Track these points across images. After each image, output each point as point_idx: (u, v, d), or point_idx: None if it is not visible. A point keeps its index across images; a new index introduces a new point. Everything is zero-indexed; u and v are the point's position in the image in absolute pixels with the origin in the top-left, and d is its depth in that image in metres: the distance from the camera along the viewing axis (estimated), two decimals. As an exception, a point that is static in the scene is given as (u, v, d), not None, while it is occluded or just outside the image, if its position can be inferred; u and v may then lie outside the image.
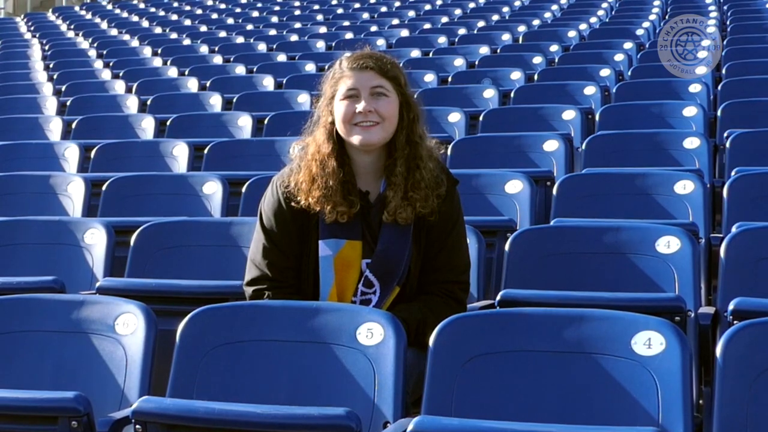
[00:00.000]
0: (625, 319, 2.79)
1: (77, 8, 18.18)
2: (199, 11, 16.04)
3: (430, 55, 9.75)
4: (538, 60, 8.94)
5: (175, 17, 15.34)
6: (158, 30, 13.94)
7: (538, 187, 4.82)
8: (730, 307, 3.12)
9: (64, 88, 9.20)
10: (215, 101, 7.96)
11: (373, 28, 12.14)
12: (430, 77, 8.39)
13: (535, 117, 6.51)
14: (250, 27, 13.47)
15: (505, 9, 13.32)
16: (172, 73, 9.76)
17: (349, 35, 11.29)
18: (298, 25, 13.26)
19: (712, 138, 5.96)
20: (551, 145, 5.61)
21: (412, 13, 13.64)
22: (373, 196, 3.30)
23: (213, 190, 4.98)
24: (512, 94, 7.44)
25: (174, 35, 13.07)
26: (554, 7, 12.99)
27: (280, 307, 3.05)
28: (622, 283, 3.63)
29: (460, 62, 9.17)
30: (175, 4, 17.02)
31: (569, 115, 6.44)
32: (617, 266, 3.70)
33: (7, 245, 4.35)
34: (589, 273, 3.71)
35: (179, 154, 6.01)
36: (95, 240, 4.20)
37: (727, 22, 10.78)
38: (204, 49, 11.39)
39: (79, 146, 6.21)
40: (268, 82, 8.79)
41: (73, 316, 3.13)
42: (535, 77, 8.25)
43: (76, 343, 3.09)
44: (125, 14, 16.19)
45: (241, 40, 12.26)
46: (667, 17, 11.30)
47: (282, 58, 10.33)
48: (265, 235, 3.30)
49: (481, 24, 12.12)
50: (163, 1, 17.50)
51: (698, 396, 3.26)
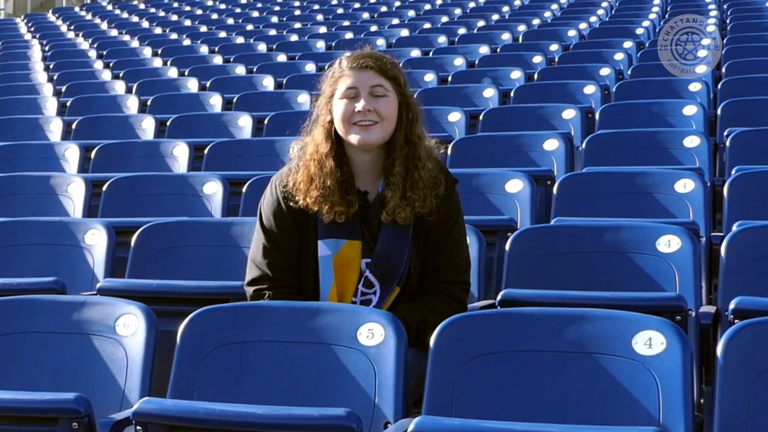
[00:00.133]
0: (626, 319, 2.79)
1: (77, 9, 18.18)
2: (199, 12, 16.04)
3: (430, 55, 9.75)
4: (538, 59, 8.94)
5: (175, 18, 15.34)
6: (158, 30, 13.94)
7: (539, 187, 4.81)
8: (731, 306, 3.12)
9: (64, 89, 9.20)
10: (215, 101, 7.95)
11: (373, 28, 12.13)
12: (430, 77, 8.39)
13: (535, 116, 6.51)
14: (250, 27, 13.46)
15: (505, 8, 13.32)
16: (173, 73, 9.76)
17: (349, 35, 11.29)
18: (298, 25, 13.26)
19: (713, 137, 5.96)
20: (551, 145, 5.61)
21: (412, 13, 13.63)
22: (372, 195, 3.30)
23: (213, 190, 4.97)
24: (512, 94, 7.44)
25: (174, 36, 13.07)
26: (554, 7, 12.99)
27: (281, 308, 3.05)
28: (623, 282, 3.62)
29: (460, 62, 9.16)
30: (175, 5, 17.02)
31: (569, 114, 6.44)
32: (618, 265, 3.69)
33: (8, 246, 4.35)
34: (590, 272, 3.71)
35: (179, 155, 6.00)
36: (96, 240, 4.20)
37: (727, 21, 10.78)
38: (204, 50, 11.39)
39: (80, 147, 6.21)
40: (268, 82, 8.79)
41: (74, 317, 3.13)
42: (535, 76, 8.25)
43: (77, 344, 3.09)
44: (125, 15, 16.19)
45: (241, 40, 12.26)
46: (667, 16, 11.30)
47: (282, 58, 10.33)
48: (265, 235, 3.29)
49: (481, 23, 12.12)
50: (163, 2, 17.50)
51: (699, 395, 3.26)
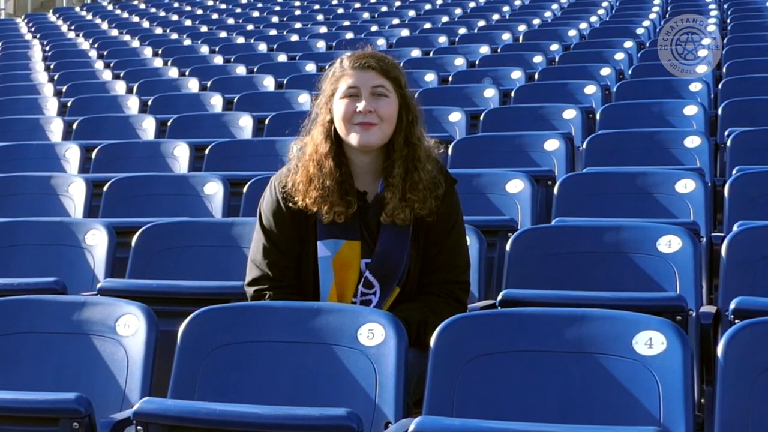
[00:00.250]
0: (627, 319, 2.79)
1: (78, 9, 18.19)
2: (200, 12, 16.05)
3: (431, 55, 9.75)
4: (538, 59, 8.94)
5: (175, 18, 15.34)
6: (159, 30, 13.94)
7: (539, 187, 4.81)
8: (732, 307, 3.12)
9: (64, 89, 9.19)
10: (216, 101, 7.95)
11: (374, 28, 12.14)
12: (430, 77, 8.39)
13: (536, 116, 6.51)
14: (250, 27, 13.46)
15: (506, 8, 13.32)
16: (173, 73, 9.76)
17: (350, 35, 11.29)
18: (298, 25, 13.26)
19: (713, 137, 5.96)
20: (552, 145, 5.61)
21: (412, 13, 13.64)
22: (371, 196, 3.29)
23: (214, 190, 4.97)
24: (513, 94, 7.44)
25: (174, 36, 13.07)
26: (554, 6, 12.99)
27: (282, 308, 3.05)
28: (623, 282, 3.62)
29: (460, 62, 9.16)
30: (176, 5, 17.02)
31: (570, 114, 6.44)
32: (618, 266, 3.69)
33: (8, 246, 4.35)
34: (590, 272, 3.71)
35: (180, 155, 6.00)
36: (96, 241, 4.20)
37: (728, 21, 10.78)
38: (204, 50, 11.39)
39: (80, 147, 6.21)
40: (269, 83, 8.79)
41: (74, 317, 3.13)
42: (536, 76, 8.25)
43: (78, 344, 3.09)
44: (126, 15, 16.19)
45: (241, 40, 12.26)
46: (667, 16, 11.30)
47: (282, 58, 10.33)
48: (265, 235, 3.29)
49: (482, 23, 12.12)
50: (164, 2, 17.50)
51: (700, 395, 3.26)
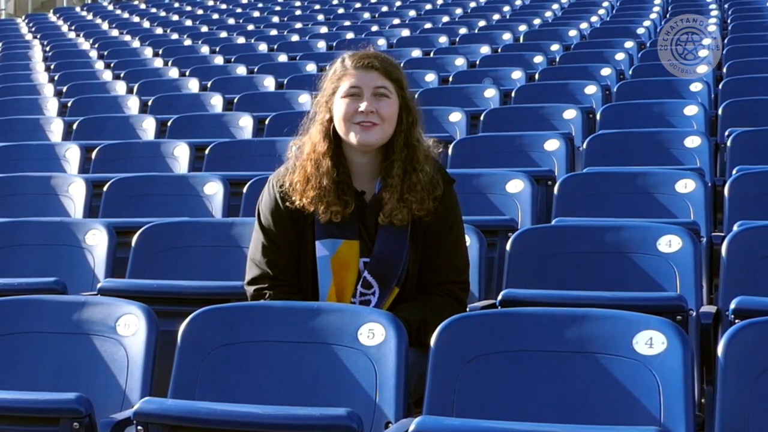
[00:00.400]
0: (627, 319, 2.78)
1: (78, 9, 18.19)
2: (200, 12, 16.05)
3: (431, 55, 9.75)
4: (539, 59, 8.93)
5: (176, 18, 15.34)
6: (159, 31, 13.94)
7: (539, 187, 4.81)
8: (732, 306, 3.12)
9: (65, 89, 9.19)
10: (216, 102, 7.95)
11: (374, 28, 12.14)
12: (430, 77, 8.39)
13: (536, 116, 6.50)
14: (251, 27, 13.46)
15: (506, 8, 13.32)
16: (173, 73, 9.76)
17: (350, 35, 11.29)
18: (299, 25, 13.26)
19: (713, 137, 5.95)
20: (552, 145, 5.61)
21: (413, 13, 13.64)
22: (369, 196, 3.29)
23: (214, 190, 4.97)
24: (513, 94, 7.43)
25: (175, 36, 13.07)
26: (555, 6, 12.99)
27: (282, 308, 3.05)
28: (624, 282, 3.62)
29: (461, 62, 9.16)
30: (176, 5, 17.02)
31: (570, 114, 6.44)
32: (618, 265, 3.69)
33: (8, 246, 4.34)
34: (591, 272, 3.70)
35: (180, 155, 6.00)
36: (96, 241, 4.20)
37: (728, 21, 10.78)
38: (205, 50, 11.39)
39: (80, 147, 6.20)
40: (269, 83, 8.78)
41: (75, 317, 3.13)
42: (536, 76, 8.25)
43: (78, 344, 3.09)
44: (126, 15, 16.19)
45: (242, 40, 12.26)
46: (668, 16, 11.30)
47: (283, 58, 10.33)
48: (264, 234, 3.29)
49: (482, 23, 12.12)
50: (164, 2, 17.50)
51: (700, 395, 3.26)
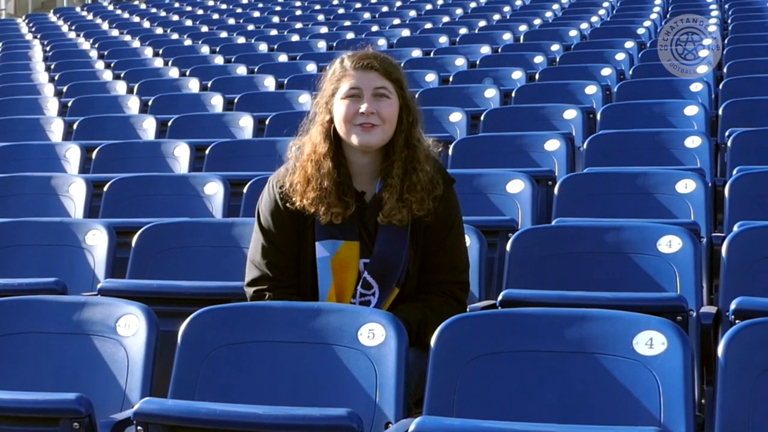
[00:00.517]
0: (627, 319, 2.78)
1: (78, 9, 18.19)
2: (200, 12, 16.05)
3: (431, 55, 9.75)
4: (539, 59, 8.93)
5: (176, 18, 15.35)
6: (159, 31, 13.94)
7: (540, 187, 4.81)
8: (732, 307, 3.11)
9: (65, 89, 9.19)
10: (216, 102, 7.95)
11: (374, 28, 12.14)
12: (431, 77, 8.39)
13: (537, 116, 6.50)
14: (251, 27, 13.46)
15: (506, 8, 13.32)
16: (174, 73, 9.76)
17: (350, 35, 11.29)
18: (299, 26, 13.26)
19: (714, 137, 5.96)
20: (552, 145, 5.61)
21: (413, 13, 13.64)
22: (369, 196, 3.29)
23: (214, 190, 4.97)
24: (513, 94, 7.43)
25: (175, 36, 13.07)
26: (555, 7, 12.99)
27: (282, 308, 3.05)
28: (624, 282, 3.62)
29: (461, 62, 9.16)
30: (176, 5, 17.02)
31: (570, 114, 6.44)
32: (619, 266, 3.69)
33: (9, 246, 4.34)
34: (591, 273, 3.70)
35: (180, 155, 6.00)
36: (96, 241, 4.20)
37: (728, 21, 10.78)
38: (205, 50, 11.39)
39: (81, 147, 6.20)
40: (270, 83, 8.78)
41: (75, 317, 3.13)
42: (537, 77, 8.25)
43: (78, 344, 3.09)
44: (126, 15, 16.19)
45: (242, 40, 12.26)
46: (668, 16, 11.30)
47: (283, 58, 10.33)
48: (264, 236, 3.29)
49: (482, 23, 12.12)
50: (164, 2, 17.51)
51: (700, 395, 3.26)
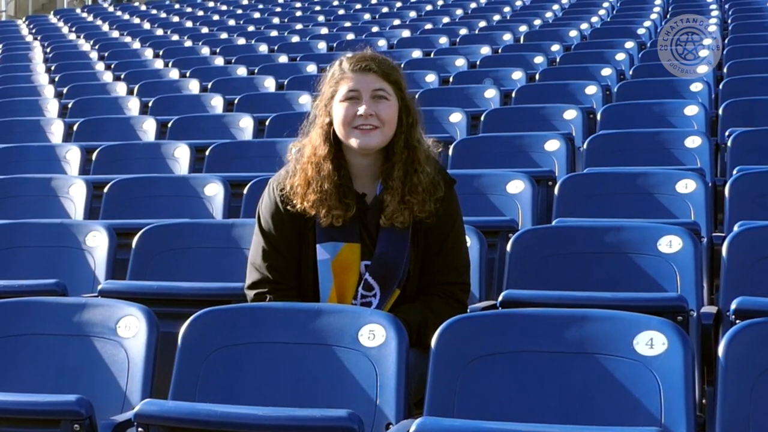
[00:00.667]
0: (627, 319, 2.79)
1: (78, 10, 18.20)
2: (201, 13, 16.05)
3: (432, 56, 9.75)
4: (539, 60, 8.94)
5: (176, 19, 15.35)
6: (159, 32, 13.94)
7: (540, 187, 4.81)
8: (733, 307, 3.11)
9: (65, 91, 9.20)
10: (216, 103, 7.95)
11: (375, 29, 12.14)
12: (431, 77, 8.39)
13: (537, 117, 6.51)
14: (251, 28, 13.47)
15: (507, 9, 13.33)
16: (174, 74, 9.76)
17: (351, 36, 11.29)
18: (299, 26, 13.27)
19: (714, 137, 5.96)
20: (553, 145, 5.61)
21: (413, 14, 13.64)
22: (370, 198, 3.29)
23: (214, 191, 4.97)
24: (513, 94, 7.44)
25: (175, 37, 13.07)
26: (555, 7, 12.99)
27: (282, 309, 3.05)
28: (624, 282, 3.62)
29: (461, 62, 9.16)
30: (177, 6, 17.03)
31: (571, 114, 6.44)
32: (619, 266, 3.69)
33: (9, 248, 4.34)
34: (591, 273, 3.70)
35: (180, 156, 6.00)
36: (97, 242, 4.20)
37: (729, 21, 10.78)
38: (205, 51, 11.39)
39: (81, 148, 6.21)
40: (270, 84, 8.79)
41: (75, 319, 3.13)
42: (537, 77, 8.25)
43: (78, 346, 3.09)
44: (126, 16, 16.20)
45: (242, 41, 12.26)
46: (668, 16, 11.30)
47: (283, 59, 10.33)
48: (264, 238, 3.29)
49: (483, 24, 12.12)
50: (165, 3, 17.52)
51: (701, 395, 3.26)
